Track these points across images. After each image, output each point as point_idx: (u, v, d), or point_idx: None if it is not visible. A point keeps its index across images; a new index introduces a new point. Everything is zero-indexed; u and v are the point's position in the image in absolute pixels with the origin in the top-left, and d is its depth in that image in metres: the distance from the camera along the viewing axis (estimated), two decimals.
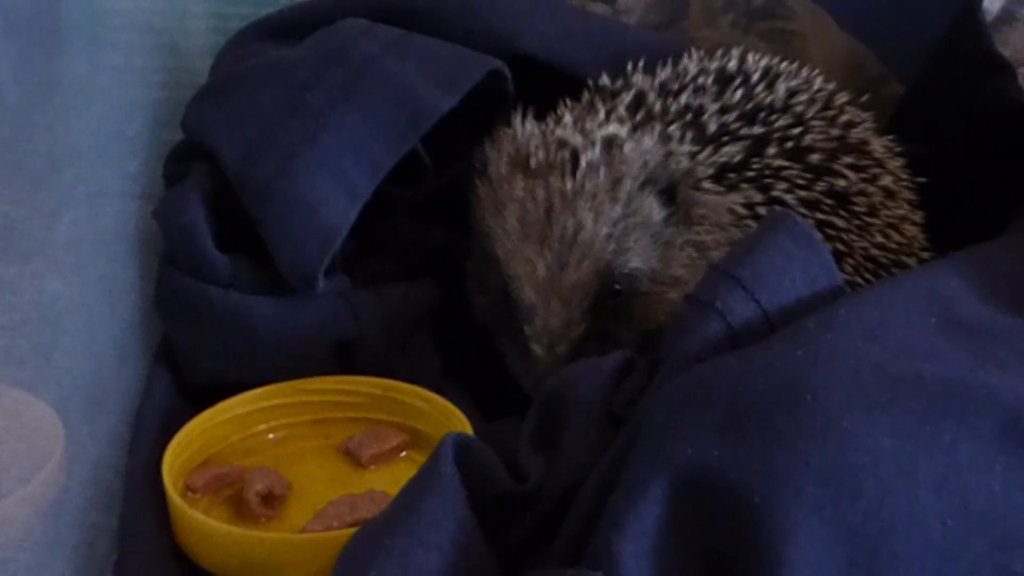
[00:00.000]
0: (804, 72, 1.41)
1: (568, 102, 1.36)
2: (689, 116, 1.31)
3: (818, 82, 1.40)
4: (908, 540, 0.86)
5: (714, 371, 0.96)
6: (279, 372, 1.29)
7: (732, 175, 1.28)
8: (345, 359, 1.32)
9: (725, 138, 1.29)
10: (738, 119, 1.31)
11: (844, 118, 1.37)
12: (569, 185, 1.22)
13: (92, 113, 1.28)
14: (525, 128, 1.29)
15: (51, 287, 1.11)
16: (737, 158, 1.28)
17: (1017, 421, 0.89)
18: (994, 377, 0.92)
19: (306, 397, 1.29)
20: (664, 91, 1.34)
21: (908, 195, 1.38)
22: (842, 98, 1.40)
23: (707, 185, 1.26)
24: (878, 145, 1.38)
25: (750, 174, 1.28)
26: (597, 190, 1.22)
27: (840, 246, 1.28)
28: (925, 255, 1.36)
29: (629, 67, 1.39)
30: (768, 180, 1.28)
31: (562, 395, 1.09)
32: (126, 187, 1.38)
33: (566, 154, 1.23)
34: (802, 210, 1.27)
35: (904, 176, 1.39)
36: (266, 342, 1.30)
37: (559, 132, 1.27)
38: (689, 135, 1.29)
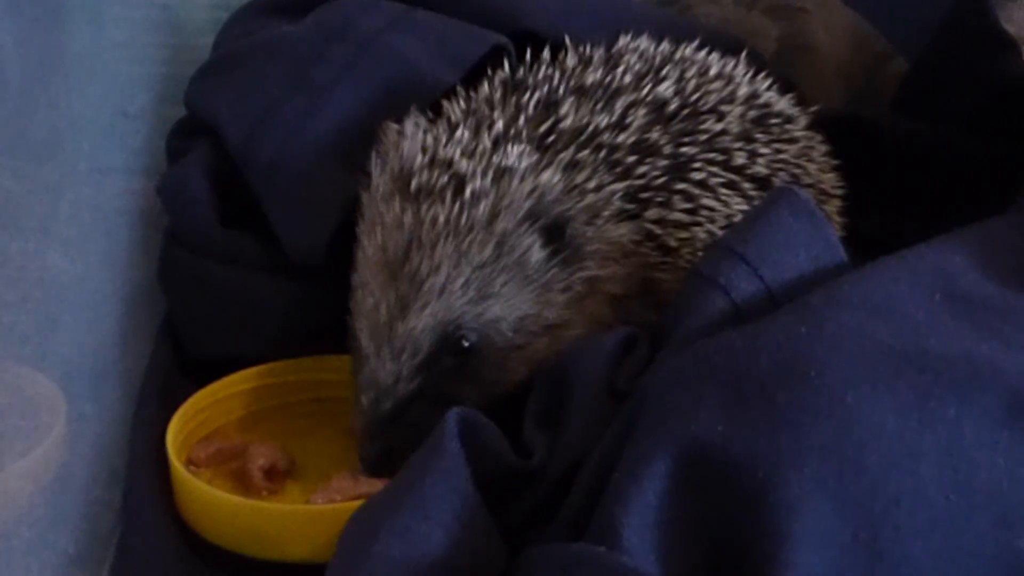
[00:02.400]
0: (693, 52, 1.32)
1: (461, 103, 1.25)
2: (606, 136, 1.19)
3: (713, 59, 1.32)
4: (911, 515, 0.86)
5: (718, 347, 0.96)
6: (282, 348, 1.29)
7: (647, 194, 1.19)
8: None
9: (646, 161, 1.19)
10: (660, 131, 1.21)
11: (744, 91, 1.29)
12: (442, 216, 1.11)
13: (94, 89, 1.28)
14: (413, 141, 1.18)
15: (54, 263, 1.12)
16: (658, 181, 1.18)
17: (1021, 397, 0.89)
18: (998, 353, 0.92)
19: (310, 375, 1.30)
20: (581, 93, 1.22)
21: (821, 154, 1.33)
22: (740, 69, 1.33)
23: (608, 214, 1.16)
24: (786, 106, 1.33)
25: (678, 186, 1.20)
26: (472, 225, 1.11)
27: None
28: (839, 219, 1.33)
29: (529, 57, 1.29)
30: (696, 191, 1.20)
31: (565, 371, 1.09)
32: (129, 163, 1.38)
33: (449, 180, 1.13)
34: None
35: (811, 136, 1.34)
36: (269, 318, 1.30)
37: (448, 151, 1.15)
38: (601, 161, 1.18)
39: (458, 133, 1.17)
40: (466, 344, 1.12)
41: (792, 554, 0.85)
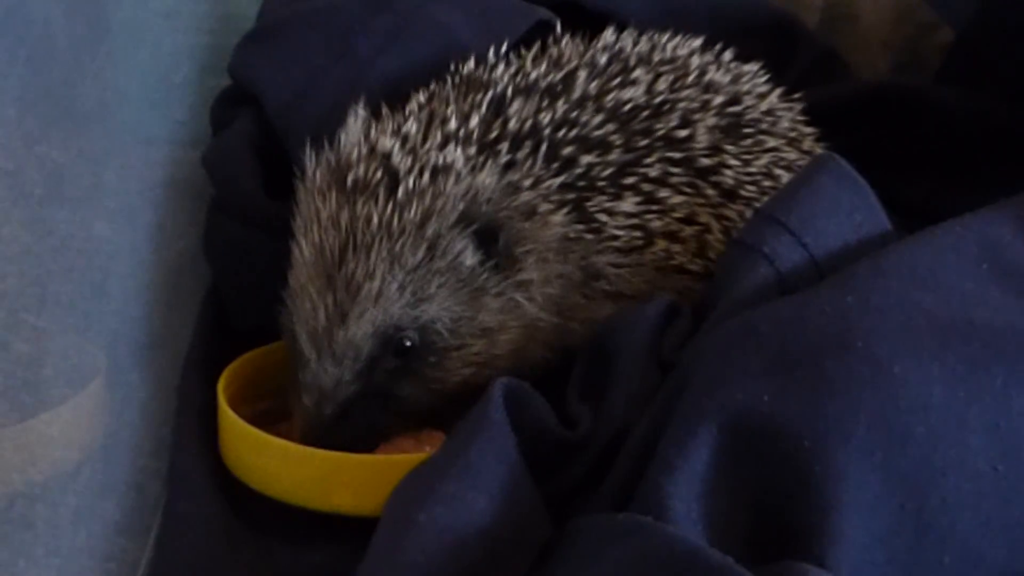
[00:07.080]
0: (673, 43, 1.31)
1: (422, 97, 1.24)
2: (547, 131, 1.17)
3: (695, 61, 1.29)
4: (958, 486, 0.86)
5: (764, 316, 0.96)
6: None
7: (585, 182, 1.17)
8: None
9: (592, 152, 1.17)
10: (613, 128, 1.19)
11: (720, 100, 1.26)
12: (376, 218, 1.10)
13: (140, 59, 1.29)
14: (351, 132, 1.19)
15: (99, 232, 1.12)
16: (606, 172, 1.17)
17: None
18: None
19: None
20: (534, 94, 1.20)
21: (802, 153, 1.30)
22: (723, 73, 1.29)
23: (544, 209, 1.15)
24: (769, 105, 1.30)
25: (628, 180, 1.18)
26: (404, 227, 1.10)
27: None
28: None
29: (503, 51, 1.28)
30: (648, 187, 1.19)
31: (608, 342, 1.09)
32: (174, 133, 1.38)
33: (383, 176, 1.12)
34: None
35: (793, 135, 1.31)
36: None
37: (387, 143, 1.15)
38: (541, 157, 1.16)
39: (404, 127, 1.17)
40: (408, 344, 1.11)
41: (838, 524, 0.85)
